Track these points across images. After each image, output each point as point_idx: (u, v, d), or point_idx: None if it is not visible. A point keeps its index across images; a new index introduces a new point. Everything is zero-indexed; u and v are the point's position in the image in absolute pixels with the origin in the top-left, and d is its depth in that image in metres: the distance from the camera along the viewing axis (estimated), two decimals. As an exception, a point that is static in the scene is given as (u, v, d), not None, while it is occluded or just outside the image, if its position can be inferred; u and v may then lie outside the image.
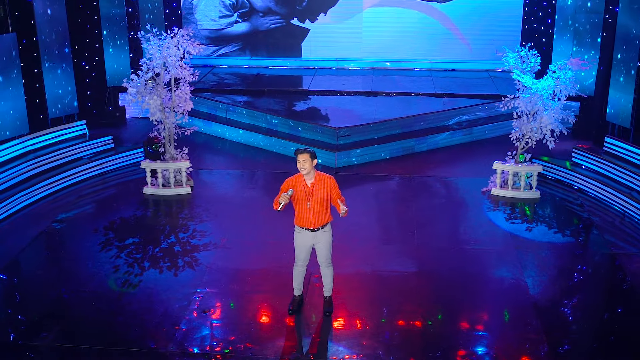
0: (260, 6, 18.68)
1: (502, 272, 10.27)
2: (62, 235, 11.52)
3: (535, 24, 17.22)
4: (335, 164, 14.21)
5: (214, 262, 10.51)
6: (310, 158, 8.37)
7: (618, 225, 11.82)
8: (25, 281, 10.18)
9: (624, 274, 10.25)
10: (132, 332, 8.79)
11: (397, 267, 10.38)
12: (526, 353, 8.42)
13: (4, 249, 10.93)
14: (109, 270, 10.27)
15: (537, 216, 12.18)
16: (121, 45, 16.07)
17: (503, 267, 10.41)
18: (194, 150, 14.01)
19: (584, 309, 9.35)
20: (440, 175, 13.86)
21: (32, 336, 8.67)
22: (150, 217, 12.23)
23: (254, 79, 18.10)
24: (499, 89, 16.20)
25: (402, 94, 16.84)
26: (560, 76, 12.13)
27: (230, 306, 9.42)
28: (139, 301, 9.47)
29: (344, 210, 8.42)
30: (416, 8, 18.40)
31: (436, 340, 8.63)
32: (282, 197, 8.38)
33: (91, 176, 13.65)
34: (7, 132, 13.16)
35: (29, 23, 13.77)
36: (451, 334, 8.77)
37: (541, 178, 13.32)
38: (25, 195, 12.41)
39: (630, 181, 12.49)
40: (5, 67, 13.18)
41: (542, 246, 11.09)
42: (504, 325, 9.03)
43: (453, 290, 9.76)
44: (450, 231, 11.63)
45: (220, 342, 8.59)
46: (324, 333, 8.82)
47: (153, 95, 12.56)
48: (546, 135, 12.44)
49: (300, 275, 9.09)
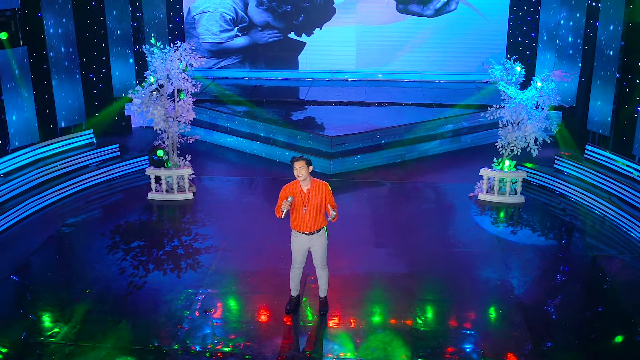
0: (259, 21, 18.71)
1: (488, 273, 10.28)
2: (70, 238, 11.50)
3: (520, 38, 17.26)
4: (330, 171, 14.21)
5: (215, 264, 10.50)
6: (306, 165, 8.39)
7: (598, 228, 11.84)
8: (35, 282, 10.15)
9: (603, 274, 10.27)
10: (138, 330, 8.78)
11: (389, 268, 10.38)
12: (511, 350, 8.42)
13: (16, 252, 10.91)
14: (115, 272, 10.25)
15: (521, 220, 12.19)
16: (127, 58, 16.07)
17: (489, 269, 10.41)
18: (196, 158, 13.99)
19: (566, 308, 9.36)
20: (429, 182, 13.87)
21: (42, 335, 8.66)
22: (155, 221, 12.22)
23: (253, 90, 18.10)
24: (485, 100, 16.22)
25: (393, 104, 16.83)
26: (544, 87, 12.18)
27: (231, 306, 9.42)
28: (144, 301, 9.46)
29: (333, 215, 8.45)
30: (407, 22, 18.41)
31: (426, 338, 8.63)
32: (284, 204, 8.38)
33: (98, 183, 13.64)
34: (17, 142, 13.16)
35: (39, 37, 13.76)
36: (440, 332, 8.77)
37: (525, 184, 13.34)
38: (35, 201, 12.40)
39: (609, 187, 12.52)
40: (16, 79, 13.18)
41: (527, 248, 11.09)
42: (491, 323, 9.05)
43: (442, 291, 9.77)
44: (440, 234, 11.63)
45: (221, 341, 8.58)
46: (320, 331, 8.82)
47: (157, 105, 12.57)
48: (530, 143, 12.48)
49: (297, 276, 9.09)
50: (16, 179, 12.48)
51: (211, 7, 18.64)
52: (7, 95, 12.98)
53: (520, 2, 17.17)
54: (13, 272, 10.33)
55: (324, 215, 8.69)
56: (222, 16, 18.67)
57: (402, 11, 18.39)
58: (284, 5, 18.50)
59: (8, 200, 12.10)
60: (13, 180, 12.41)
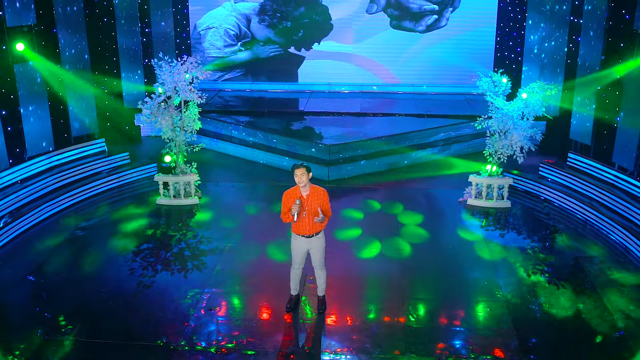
0: (261, 36, 18.75)
1: (476, 274, 10.30)
2: (84, 241, 11.50)
3: (506, 52, 17.28)
4: (327, 177, 14.23)
5: (219, 265, 10.52)
6: (306, 172, 8.42)
7: (580, 231, 11.86)
8: (51, 282, 10.15)
9: (585, 275, 10.29)
10: (147, 328, 8.80)
11: (383, 269, 10.40)
12: (498, 346, 8.45)
13: (32, 254, 10.94)
14: (125, 272, 10.28)
15: (508, 224, 12.21)
16: (136, 71, 16.11)
17: (478, 269, 10.44)
18: (202, 165, 14.02)
19: (550, 307, 9.37)
20: (421, 187, 13.89)
21: (57, 332, 8.70)
22: (163, 224, 12.21)
23: (255, 102, 18.12)
24: (474, 110, 16.26)
25: (387, 114, 16.83)
26: (529, 99, 12.21)
27: (234, 305, 9.44)
28: (152, 300, 9.48)
29: (321, 217, 8.45)
30: (400, 37, 18.45)
31: (418, 335, 8.66)
32: (294, 208, 8.39)
33: (110, 188, 13.65)
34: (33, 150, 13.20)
35: (54, 52, 13.81)
36: (432, 329, 8.80)
37: (511, 189, 13.38)
38: (51, 206, 12.42)
39: (591, 192, 12.56)
40: (33, 91, 13.22)
41: (513, 250, 11.09)
42: (479, 321, 9.05)
43: (433, 290, 9.80)
44: (431, 237, 11.65)
45: (225, 337, 8.61)
46: (318, 328, 8.84)
47: (165, 115, 12.59)
48: (516, 152, 12.52)
49: (297, 277, 9.12)
50: (33, 185, 12.50)
51: (216, 23, 18.68)
52: (24, 106, 13.01)
53: (506, 19, 17.19)
54: (30, 272, 10.35)
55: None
56: (226, 32, 18.72)
57: (395, 27, 18.44)
58: (284, 21, 18.55)
59: (25, 204, 12.13)
60: (30, 186, 12.44)
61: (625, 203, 11.75)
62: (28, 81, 13.07)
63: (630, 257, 10.84)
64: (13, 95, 12.74)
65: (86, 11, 14.56)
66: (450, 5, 18.16)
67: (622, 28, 12.72)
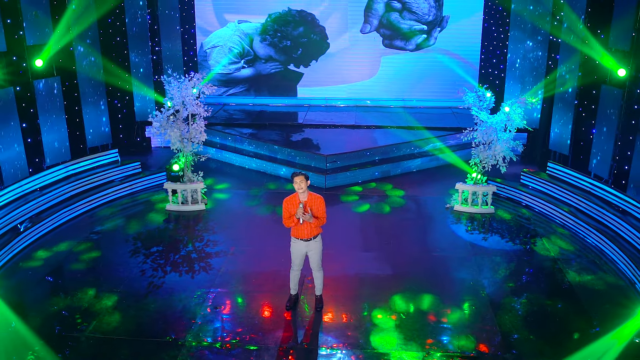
0: (263, 54, 18.81)
1: (462, 274, 10.33)
2: (98, 244, 11.52)
3: (490, 68, 17.34)
4: (324, 185, 14.28)
5: (224, 266, 10.55)
6: (305, 179, 8.47)
7: (559, 235, 11.89)
8: (67, 282, 10.16)
9: (563, 275, 10.34)
10: (156, 325, 8.83)
11: (376, 270, 10.42)
12: (483, 342, 8.48)
13: (50, 257, 10.95)
14: (137, 273, 10.31)
15: (491, 228, 12.25)
16: (147, 86, 16.15)
17: (463, 270, 10.47)
18: (208, 174, 14.05)
19: (531, 305, 9.40)
20: (411, 194, 13.94)
21: (73, 328, 8.73)
22: (172, 229, 12.23)
23: (257, 115, 18.15)
24: (460, 123, 16.29)
25: (380, 127, 16.84)
26: (511, 112, 12.27)
27: (238, 303, 9.46)
28: (162, 299, 9.50)
29: (308, 216, 8.45)
30: (391, 55, 18.54)
31: (408, 331, 8.69)
32: (298, 212, 8.43)
33: (122, 195, 13.66)
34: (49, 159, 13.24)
35: (71, 68, 13.88)
36: (421, 326, 8.82)
37: (495, 196, 13.42)
38: (67, 212, 12.45)
39: (568, 199, 12.61)
40: (50, 105, 13.28)
41: (496, 253, 11.13)
42: (465, 318, 9.08)
43: (422, 290, 9.79)
44: (420, 240, 11.69)
45: (230, 333, 8.63)
46: (316, 325, 8.86)
47: (174, 128, 12.65)
48: (499, 161, 12.58)
49: (296, 277, 9.16)
50: (51, 192, 12.54)
51: (221, 42, 18.74)
52: (42, 119, 13.07)
53: (490, 38, 17.28)
54: (48, 273, 10.38)
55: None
56: (230, 50, 18.79)
57: (387, 46, 18.52)
58: (284, 40, 18.62)
59: (44, 210, 12.17)
60: (48, 193, 12.47)
61: (600, 209, 11.81)
62: (46, 96, 13.13)
63: (605, 259, 10.89)
64: (33, 108, 12.80)
65: (100, 31, 14.63)
66: (438, 25, 18.25)
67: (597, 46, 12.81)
